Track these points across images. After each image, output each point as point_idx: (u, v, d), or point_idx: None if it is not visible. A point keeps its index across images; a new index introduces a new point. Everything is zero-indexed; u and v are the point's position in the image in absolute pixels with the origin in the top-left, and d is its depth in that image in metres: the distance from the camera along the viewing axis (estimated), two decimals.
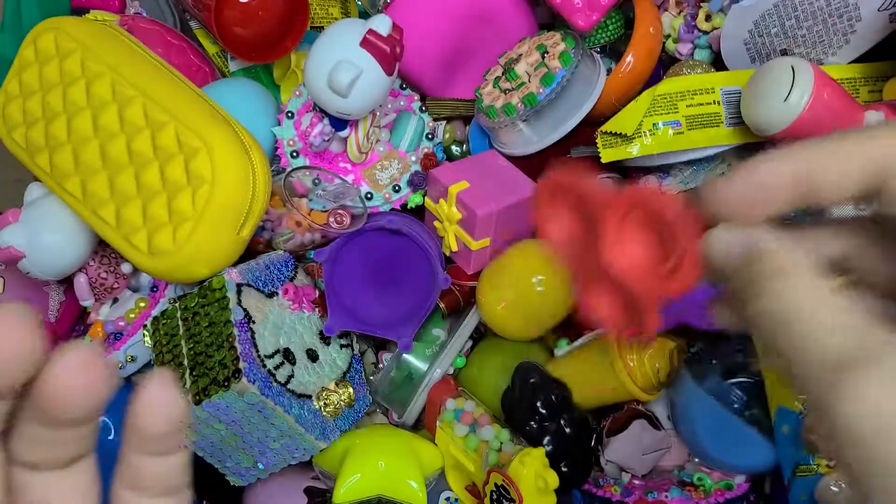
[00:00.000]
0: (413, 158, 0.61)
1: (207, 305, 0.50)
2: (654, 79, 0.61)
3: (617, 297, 0.26)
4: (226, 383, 0.45)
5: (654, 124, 0.53)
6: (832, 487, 0.48)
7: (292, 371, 0.51)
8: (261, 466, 0.52)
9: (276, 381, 0.48)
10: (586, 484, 0.57)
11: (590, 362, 0.56)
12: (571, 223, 0.29)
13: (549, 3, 0.57)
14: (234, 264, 0.51)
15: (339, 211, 0.56)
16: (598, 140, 0.56)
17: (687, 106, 0.53)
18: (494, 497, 0.49)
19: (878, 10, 0.49)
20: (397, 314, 0.57)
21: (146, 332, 0.53)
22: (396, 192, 0.60)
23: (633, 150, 0.52)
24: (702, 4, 0.58)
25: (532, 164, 0.59)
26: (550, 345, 0.60)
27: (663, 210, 0.26)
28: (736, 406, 0.53)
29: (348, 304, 0.57)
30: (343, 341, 0.58)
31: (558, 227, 0.29)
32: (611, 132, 0.54)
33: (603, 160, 0.53)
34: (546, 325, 0.57)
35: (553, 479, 0.46)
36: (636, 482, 0.57)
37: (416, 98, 0.63)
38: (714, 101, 0.53)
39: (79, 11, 0.67)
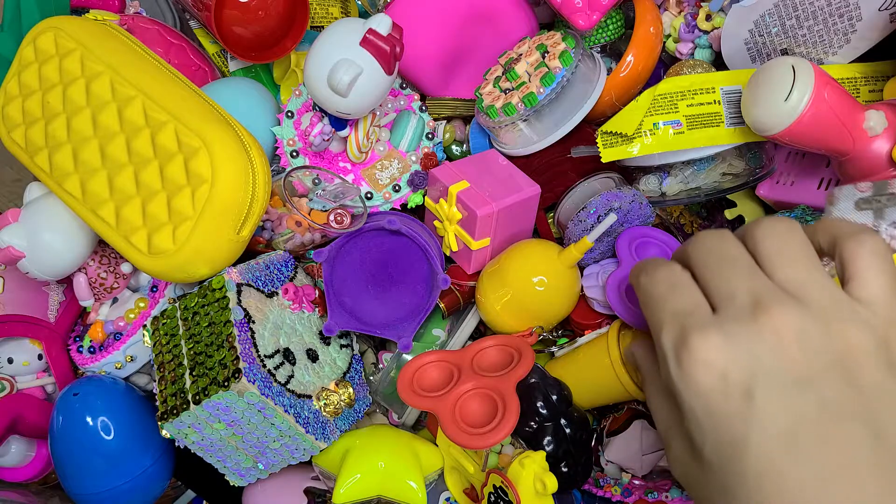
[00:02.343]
0: (413, 158, 0.61)
1: (207, 305, 0.50)
2: (654, 79, 0.60)
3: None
4: (226, 383, 0.45)
5: (654, 124, 0.53)
6: None
7: (292, 371, 0.51)
8: (261, 466, 0.52)
9: (276, 381, 0.48)
10: (586, 484, 0.57)
11: (590, 362, 0.56)
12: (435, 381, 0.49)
13: (549, 3, 0.57)
14: (234, 264, 0.51)
15: (339, 211, 0.56)
16: (599, 140, 0.55)
17: (687, 105, 0.53)
18: (492, 499, 0.49)
19: (879, 10, 0.49)
20: (397, 314, 0.57)
21: (146, 332, 0.53)
22: (396, 191, 0.60)
23: (634, 150, 0.52)
24: (702, 4, 0.58)
25: (532, 164, 0.59)
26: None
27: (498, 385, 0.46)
28: None
29: (348, 304, 0.57)
30: (343, 341, 0.58)
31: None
32: (611, 132, 0.54)
33: (603, 160, 0.53)
34: (546, 324, 0.57)
35: (552, 483, 0.46)
36: (636, 482, 0.57)
37: (416, 98, 0.63)
38: (714, 101, 0.53)
39: (78, 11, 0.67)
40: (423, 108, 0.63)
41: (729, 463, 0.26)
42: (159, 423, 0.49)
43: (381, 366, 0.61)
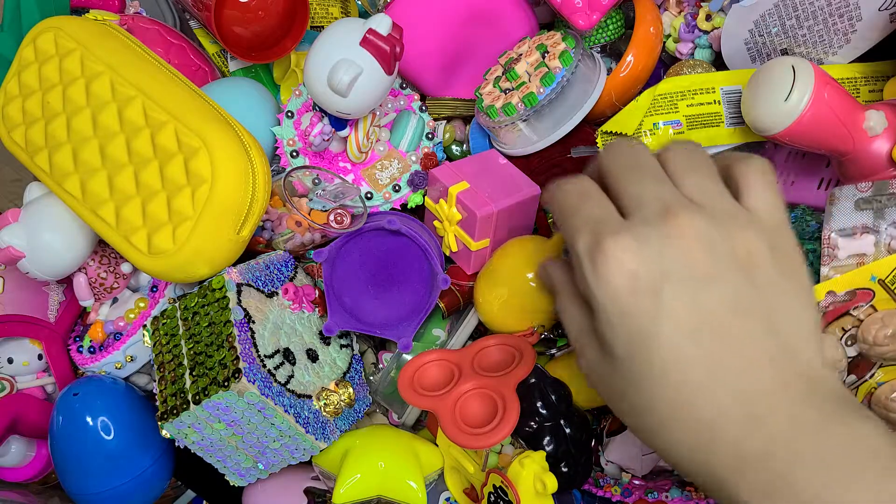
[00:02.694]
0: (413, 158, 0.61)
1: (207, 305, 0.50)
2: (654, 79, 0.60)
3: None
4: (226, 383, 0.45)
5: (654, 124, 0.53)
6: None
7: (292, 371, 0.51)
8: (261, 466, 0.52)
9: (276, 381, 0.48)
10: (586, 484, 0.57)
11: None
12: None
13: (549, 3, 0.57)
14: (234, 264, 0.51)
15: (339, 211, 0.56)
16: (599, 140, 0.55)
17: (687, 105, 0.53)
18: (492, 499, 0.49)
19: (879, 10, 0.49)
20: (397, 314, 0.57)
21: (146, 332, 0.53)
22: (396, 191, 0.60)
23: None
24: (702, 4, 0.58)
25: (532, 164, 0.59)
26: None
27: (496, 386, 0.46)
28: None
29: (348, 304, 0.57)
30: (343, 341, 0.58)
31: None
32: (611, 132, 0.54)
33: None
34: (547, 321, 0.57)
35: (552, 483, 0.46)
36: (636, 482, 0.57)
37: (416, 98, 0.63)
38: (714, 101, 0.53)
39: (78, 11, 0.67)
40: (423, 108, 0.63)
41: (638, 355, 0.29)
42: (159, 423, 0.49)
43: (381, 366, 0.61)
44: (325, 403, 0.52)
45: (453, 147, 0.65)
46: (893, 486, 0.25)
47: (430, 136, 0.62)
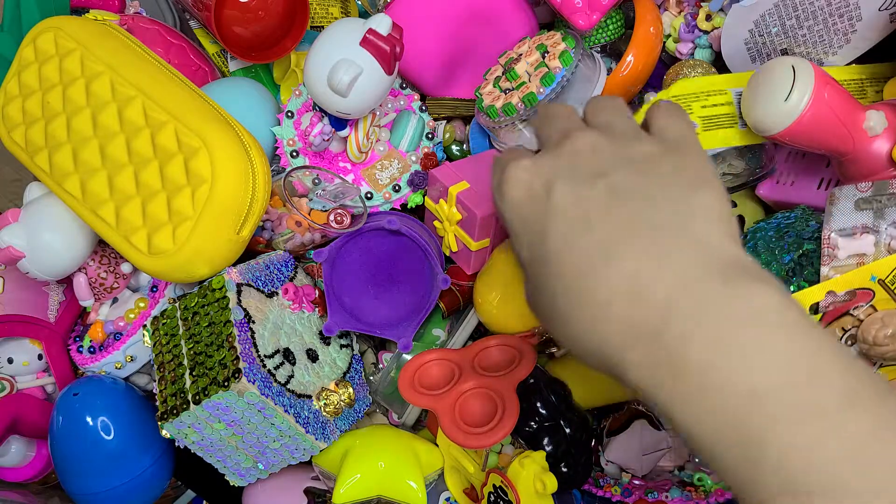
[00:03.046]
0: (413, 158, 0.61)
1: (207, 305, 0.50)
2: (654, 79, 0.60)
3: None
4: (226, 383, 0.45)
5: None
6: None
7: (292, 371, 0.51)
8: (261, 466, 0.52)
9: (276, 381, 0.48)
10: (586, 484, 0.57)
11: None
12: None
13: (549, 3, 0.57)
14: (234, 264, 0.51)
15: (339, 211, 0.56)
16: None
17: (702, 107, 0.53)
18: (492, 499, 0.49)
19: (879, 10, 0.49)
20: (397, 314, 0.57)
21: (146, 332, 0.53)
22: (396, 191, 0.60)
23: None
24: (702, 4, 0.58)
25: None
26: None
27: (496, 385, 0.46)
28: None
29: (348, 304, 0.57)
30: (343, 341, 0.58)
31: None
32: None
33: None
34: None
35: (551, 483, 0.46)
36: (636, 482, 0.57)
37: (416, 98, 0.63)
38: (727, 102, 0.53)
39: (78, 11, 0.67)
40: (423, 108, 0.63)
41: (537, 254, 0.30)
42: (159, 423, 0.49)
43: (381, 366, 0.61)
44: (325, 403, 0.52)
45: (453, 147, 0.65)
46: (777, 346, 0.25)
47: (430, 136, 0.62)
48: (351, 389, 0.54)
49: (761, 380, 0.25)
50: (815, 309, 0.43)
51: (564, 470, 0.51)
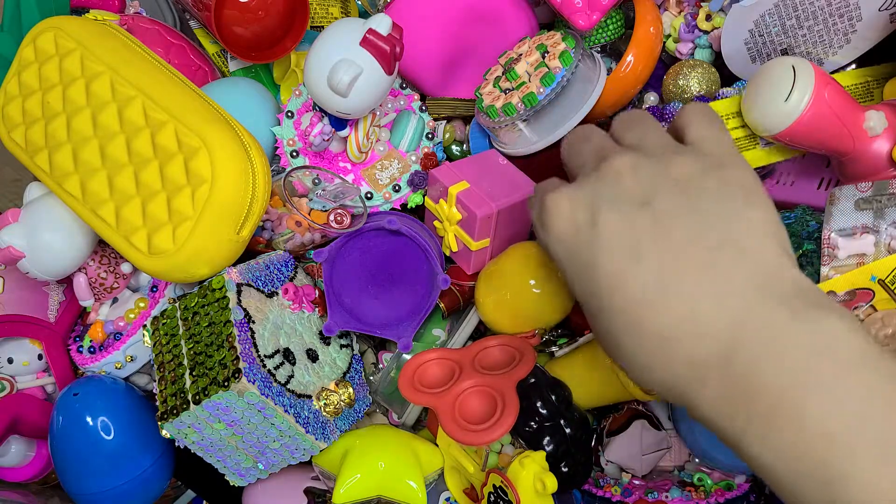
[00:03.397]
0: (413, 158, 0.61)
1: (207, 305, 0.50)
2: (654, 79, 0.60)
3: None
4: (226, 383, 0.45)
5: None
6: None
7: (292, 371, 0.51)
8: (261, 466, 0.52)
9: (276, 381, 0.48)
10: (586, 484, 0.57)
11: (590, 362, 0.56)
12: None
13: (549, 3, 0.57)
14: (234, 264, 0.51)
15: (339, 211, 0.56)
16: None
17: None
18: (492, 499, 0.49)
19: (879, 10, 0.49)
20: (397, 314, 0.57)
21: (146, 332, 0.53)
22: (396, 191, 0.60)
23: None
24: (702, 4, 0.58)
25: (532, 164, 0.59)
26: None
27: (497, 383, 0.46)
28: None
29: (348, 303, 0.57)
30: (343, 341, 0.58)
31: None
32: None
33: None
34: (545, 325, 0.57)
35: (552, 483, 0.46)
36: (636, 482, 0.57)
37: (416, 98, 0.63)
38: (745, 125, 0.52)
39: (78, 11, 0.67)
40: (423, 108, 0.63)
41: (589, 288, 0.29)
42: (159, 423, 0.49)
43: (381, 366, 0.61)
44: (325, 403, 0.52)
45: (453, 147, 0.65)
46: (850, 382, 0.25)
47: (430, 136, 0.62)
48: (351, 389, 0.54)
49: (837, 417, 0.24)
50: None
51: (564, 470, 0.51)
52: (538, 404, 0.52)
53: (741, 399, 0.26)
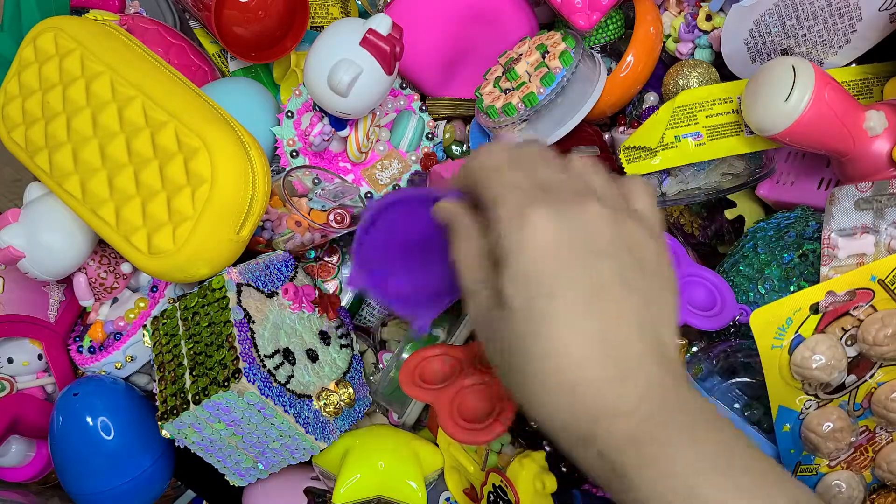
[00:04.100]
0: (413, 158, 0.61)
1: (207, 305, 0.50)
2: (654, 79, 0.60)
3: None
4: (225, 383, 0.45)
5: (675, 136, 0.53)
6: (834, 486, 0.48)
7: (292, 371, 0.51)
8: (261, 466, 0.52)
9: (275, 381, 0.48)
10: (586, 484, 0.57)
11: None
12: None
13: (549, 3, 0.57)
14: (234, 264, 0.51)
15: (339, 211, 0.56)
16: (622, 156, 0.56)
17: (706, 116, 0.53)
18: (492, 499, 0.49)
19: (879, 10, 0.49)
20: (422, 294, 0.55)
21: (146, 332, 0.53)
22: None
23: (656, 163, 0.53)
24: (702, 4, 0.58)
25: None
26: None
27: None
28: (736, 406, 0.53)
29: (375, 268, 0.53)
30: (343, 341, 0.58)
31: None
32: (633, 146, 0.54)
33: (628, 174, 0.53)
34: None
35: (551, 483, 0.46)
36: None
37: (416, 98, 0.63)
38: (733, 111, 0.53)
39: (78, 11, 0.67)
40: (423, 108, 0.63)
41: (535, 312, 0.32)
42: (159, 423, 0.49)
43: (381, 366, 0.61)
44: (325, 403, 0.52)
45: (453, 147, 0.65)
46: (719, 436, 0.29)
47: (430, 136, 0.62)
48: (351, 389, 0.54)
49: None
50: (815, 309, 0.43)
51: (564, 470, 0.51)
52: None
53: (634, 448, 0.29)
